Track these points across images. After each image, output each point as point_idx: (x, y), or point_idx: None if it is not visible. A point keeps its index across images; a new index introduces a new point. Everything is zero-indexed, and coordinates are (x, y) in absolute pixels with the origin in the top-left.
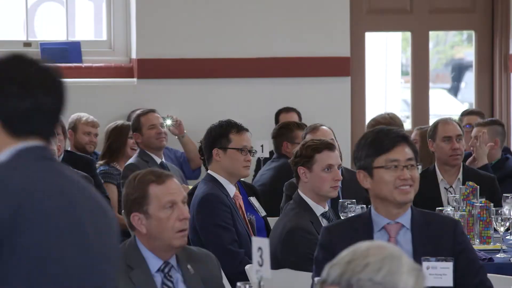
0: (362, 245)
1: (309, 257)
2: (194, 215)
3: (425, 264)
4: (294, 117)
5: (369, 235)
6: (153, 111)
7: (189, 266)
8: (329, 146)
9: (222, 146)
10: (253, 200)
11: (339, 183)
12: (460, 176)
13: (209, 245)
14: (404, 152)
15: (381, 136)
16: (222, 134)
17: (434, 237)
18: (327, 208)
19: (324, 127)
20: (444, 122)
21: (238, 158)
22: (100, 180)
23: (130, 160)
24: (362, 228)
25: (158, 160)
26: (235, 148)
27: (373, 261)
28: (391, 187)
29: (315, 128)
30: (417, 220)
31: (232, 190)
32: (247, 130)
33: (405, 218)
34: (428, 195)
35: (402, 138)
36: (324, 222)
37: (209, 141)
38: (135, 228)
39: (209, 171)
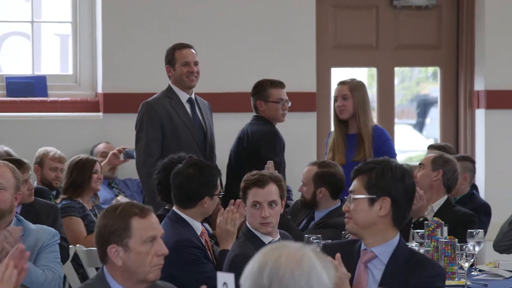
0: (278, 271)
1: None
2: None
3: None
4: None
5: (356, 258)
6: (189, 46)
7: None
8: (258, 183)
9: (212, 194)
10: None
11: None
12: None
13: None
14: (353, 185)
15: None
16: (215, 183)
17: (406, 273)
18: (277, 238)
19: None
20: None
21: (216, 202)
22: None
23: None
24: (351, 251)
25: (186, 97)
26: (218, 195)
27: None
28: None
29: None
30: (397, 257)
31: (198, 228)
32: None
33: (382, 250)
34: None
35: (358, 171)
36: None
37: (201, 188)
38: (108, 260)
39: (175, 209)
